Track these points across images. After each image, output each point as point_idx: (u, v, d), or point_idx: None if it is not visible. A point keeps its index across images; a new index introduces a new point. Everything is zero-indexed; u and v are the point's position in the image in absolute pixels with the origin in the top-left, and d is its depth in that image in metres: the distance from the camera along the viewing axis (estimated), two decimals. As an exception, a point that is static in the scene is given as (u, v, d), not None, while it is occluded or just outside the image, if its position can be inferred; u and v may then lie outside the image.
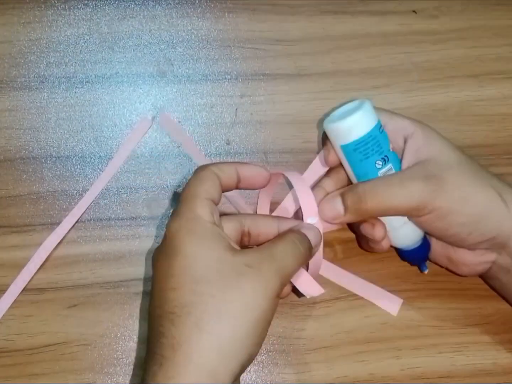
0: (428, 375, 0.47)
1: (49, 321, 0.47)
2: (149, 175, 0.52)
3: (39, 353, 0.47)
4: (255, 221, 0.43)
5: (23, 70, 0.54)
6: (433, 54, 0.57)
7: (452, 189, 0.42)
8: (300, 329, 0.48)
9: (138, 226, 0.50)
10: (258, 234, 0.43)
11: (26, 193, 0.51)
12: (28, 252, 0.49)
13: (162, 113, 0.53)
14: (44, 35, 0.56)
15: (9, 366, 0.46)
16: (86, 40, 0.56)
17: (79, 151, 0.52)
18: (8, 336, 0.47)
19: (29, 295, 0.48)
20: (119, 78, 0.55)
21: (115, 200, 0.51)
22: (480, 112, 0.55)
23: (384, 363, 0.47)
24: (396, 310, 0.48)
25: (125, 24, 0.56)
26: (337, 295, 0.49)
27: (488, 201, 0.42)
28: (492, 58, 0.57)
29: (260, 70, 0.56)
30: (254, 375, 0.47)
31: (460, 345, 0.48)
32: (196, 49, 0.56)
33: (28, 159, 0.52)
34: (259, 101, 0.55)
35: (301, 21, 0.57)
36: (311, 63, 0.56)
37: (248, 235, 0.43)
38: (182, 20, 0.57)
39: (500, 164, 0.54)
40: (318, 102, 0.55)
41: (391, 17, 0.58)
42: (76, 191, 0.51)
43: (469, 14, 0.58)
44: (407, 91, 0.56)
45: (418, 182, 0.42)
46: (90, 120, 0.53)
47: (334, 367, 0.47)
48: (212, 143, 0.53)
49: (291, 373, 0.47)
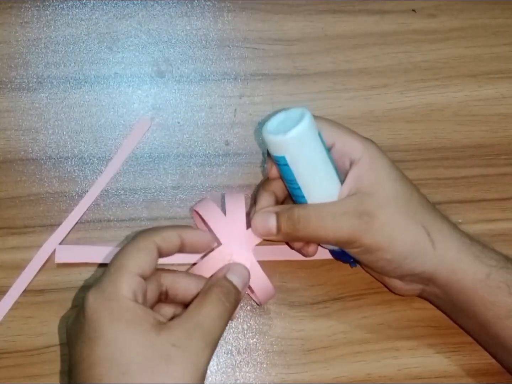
0: (425, 375, 0.48)
1: (50, 322, 0.48)
2: (148, 176, 0.52)
3: (40, 354, 0.47)
4: (174, 281, 0.42)
5: (21, 70, 0.54)
6: (431, 54, 0.57)
7: (382, 228, 0.42)
8: (298, 329, 0.48)
9: (138, 227, 0.50)
10: (176, 294, 0.42)
11: (25, 194, 0.51)
12: (28, 254, 0.49)
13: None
14: (43, 35, 0.55)
15: (9, 367, 0.46)
16: (84, 40, 0.56)
17: (78, 152, 0.52)
18: (8, 337, 0.47)
19: (30, 297, 0.48)
20: (118, 78, 0.55)
21: (115, 201, 0.51)
22: (479, 112, 0.55)
23: (381, 363, 0.48)
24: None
25: (123, 24, 0.56)
26: (335, 296, 0.49)
27: (414, 241, 0.43)
28: (491, 58, 0.57)
29: (259, 70, 0.56)
30: (253, 376, 0.47)
31: (456, 345, 0.48)
32: (195, 49, 0.56)
33: (27, 160, 0.52)
34: (258, 102, 0.55)
35: (300, 20, 0.57)
36: (310, 62, 0.56)
37: (166, 294, 0.42)
38: (181, 20, 0.57)
39: (498, 164, 0.54)
40: (317, 102, 0.55)
41: (390, 16, 0.58)
42: (76, 192, 0.51)
43: (468, 14, 0.58)
44: (406, 90, 0.56)
45: (350, 219, 0.42)
46: (89, 121, 0.53)
47: (332, 368, 0.48)
48: (211, 143, 0.53)
49: (289, 373, 0.47)
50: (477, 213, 0.52)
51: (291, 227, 0.43)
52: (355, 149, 0.44)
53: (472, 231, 0.47)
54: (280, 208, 0.44)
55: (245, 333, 0.48)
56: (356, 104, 0.55)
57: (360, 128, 0.53)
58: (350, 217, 0.42)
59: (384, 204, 0.43)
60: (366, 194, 0.43)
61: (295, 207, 0.44)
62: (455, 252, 0.43)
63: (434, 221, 0.44)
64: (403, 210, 0.43)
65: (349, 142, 0.44)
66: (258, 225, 0.44)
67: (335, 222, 0.42)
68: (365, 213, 0.42)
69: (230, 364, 0.48)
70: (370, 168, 0.43)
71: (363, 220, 0.42)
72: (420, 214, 0.44)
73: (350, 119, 0.54)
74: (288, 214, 0.43)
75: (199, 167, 0.53)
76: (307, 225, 0.43)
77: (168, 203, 0.51)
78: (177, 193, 0.52)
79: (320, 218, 0.43)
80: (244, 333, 0.48)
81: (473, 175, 0.54)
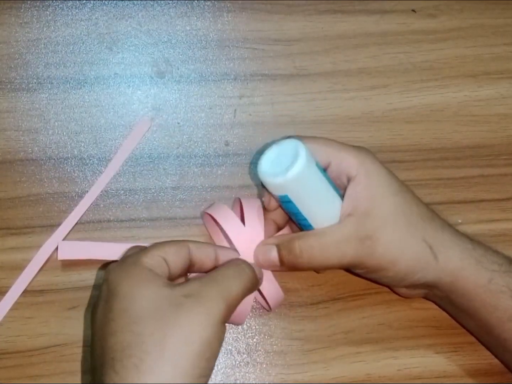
0: (424, 375, 0.48)
1: (50, 323, 0.48)
2: (148, 176, 0.52)
3: (40, 354, 0.47)
4: (202, 251, 0.42)
5: (21, 71, 0.54)
6: (431, 54, 0.57)
7: (383, 251, 0.42)
8: (298, 330, 0.48)
9: (138, 228, 0.50)
10: (202, 265, 0.42)
11: (25, 195, 0.51)
12: (28, 254, 0.49)
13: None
14: (42, 36, 0.55)
15: (9, 368, 0.47)
16: (84, 40, 0.56)
17: (78, 153, 0.52)
18: (8, 337, 0.47)
19: (29, 297, 0.48)
20: (118, 79, 0.55)
21: (114, 202, 0.51)
22: (479, 113, 0.55)
23: (381, 363, 0.48)
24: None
25: (123, 24, 0.56)
26: (335, 296, 0.49)
27: (417, 258, 0.43)
28: (490, 58, 0.57)
29: (259, 70, 0.56)
30: (253, 376, 0.47)
31: (456, 345, 0.48)
32: (195, 49, 0.56)
33: (27, 161, 0.52)
34: (258, 102, 0.55)
35: (300, 20, 0.57)
36: (310, 63, 0.56)
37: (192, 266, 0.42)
38: (180, 20, 0.57)
39: (498, 165, 0.54)
40: (317, 103, 0.55)
41: (389, 16, 0.58)
42: (75, 193, 0.51)
43: (468, 13, 0.58)
44: (405, 91, 0.56)
45: (353, 245, 0.42)
46: (89, 121, 0.53)
47: (332, 368, 0.48)
48: (211, 144, 0.53)
49: (289, 373, 0.47)
50: (477, 213, 0.52)
51: (293, 260, 0.43)
52: (350, 166, 0.43)
53: (472, 231, 0.47)
54: (280, 240, 0.44)
55: (245, 333, 0.48)
56: (356, 104, 0.55)
57: (360, 129, 0.54)
58: (353, 243, 0.42)
59: (383, 223, 0.42)
60: (365, 215, 0.42)
61: (295, 239, 0.43)
62: (457, 261, 0.43)
63: (435, 232, 0.43)
64: (403, 227, 0.43)
65: (344, 159, 0.43)
66: (261, 259, 0.44)
67: (339, 250, 0.42)
68: (367, 237, 0.42)
69: (230, 364, 0.48)
70: (366, 185, 0.42)
71: (365, 245, 0.42)
72: (421, 228, 0.43)
73: (350, 119, 0.54)
74: (289, 248, 0.43)
75: (199, 167, 0.53)
76: (310, 256, 0.42)
77: (168, 203, 0.51)
78: (177, 194, 0.52)
79: (323, 249, 0.42)
80: (244, 333, 0.48)
81: (473, 175, 0.54)
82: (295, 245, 0.43)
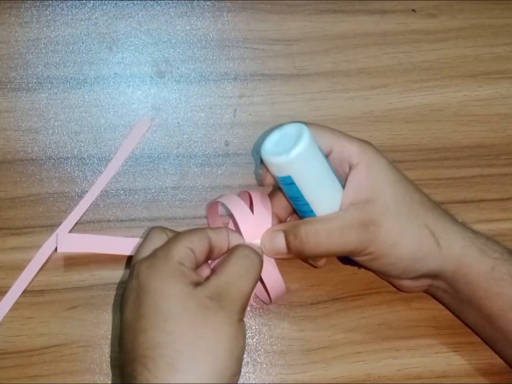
0: (424, 375, 0.48)
1: (49, 323, 0.48)
2: (148, 176, 0.52)
3: (40, 354, 0.47)
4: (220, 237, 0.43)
5: (21, 71, 0.54)
6: (431, 54, 0.57)
7: (385, 236, 0.42)
8: (298, 329, 0.48)
9: (138, 228, 0.50)
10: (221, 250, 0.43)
11: (25, 195, 0.51)
12: (28, 254, 0.49)
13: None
14: (42, 35, 0.55)
15: (9, 368, 0.46)
16: (84, 40, 0.56)
17: (78, 153, 0.52)
18: (8, 337, 0.47)
19: (29, 297, 0.48)
20: (118, 78, 0.55)
21: (114, 201, 0.51)
22: (478, 112, 0.56)
23: (381, 363, 0.48)
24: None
25: (123, 24, 0.56)
26: (335, 296, 0.49)
27: (419, 244, 0.43)
28: (490, 58, 0.57)
29: (259, 70, 0.56)
30: (253, 376, 0.47)
31: (456, 345, 0.48)
32: (195, 49, 0.56)
33: (27, 161, 0.52)
34: (258, 102, 0.55)
35: (300, 20, 0.57)
36: (310, 62, 0.56)
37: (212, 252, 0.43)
38: (180, 20, 0.57)
39: (498, 164, 0.54)
40: (317, 102, 0.55)
41: (389, 16, 0.58)
42: (75, 192, 0.51)
43: (468, 14, 0.58)
44: (405, 91, 0.56)
45: (357, 230, 0.42)
46: (89, 121, 0.53)
47: (332, 368, 0.48)
48: (211, 144, 0.53)
49: (289, 373, 0.47)
50: (477, 213, 0.52)
51: (299, 245, 0.43)
52: (352, 154, 0.43)
53: (472, 231, 0.47)
54: (286, 226, 0.44)
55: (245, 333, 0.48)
56: (356, 104, 0.55)
57: (360, 128, 0.54)
58: (357, 229, 0.42)
59: (385, 209, 0.43)
60: (367, 202, 0.43)
61: (301, 224, 0.43)
62: (460, 248, 0.43)
63: (436, 219, 0.44)
64: (405, 214, 0.43)
65: (346, 147, 0.44)
66: (268, 246, 0.44)
67: (344, 235, 0.42)
68: (371, 222, 0.42)
69: (230, 365, 0.48)
70: (367, 173, 0.43)
71: (369, 230, 0.42)
72: (422, 214, 0.44)
73: (350, 119, 0.54)
74: (295, 233, 0.43)
75: (199, 167, 0.53)
76: (316, 242, 0.43)
77: (168, 203, 0.51)
78: (177, 194, 0.52)
79: (328, 234, 0.42)
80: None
81: (473, 175, 0.54)
82: (301, 230, 0.43)
